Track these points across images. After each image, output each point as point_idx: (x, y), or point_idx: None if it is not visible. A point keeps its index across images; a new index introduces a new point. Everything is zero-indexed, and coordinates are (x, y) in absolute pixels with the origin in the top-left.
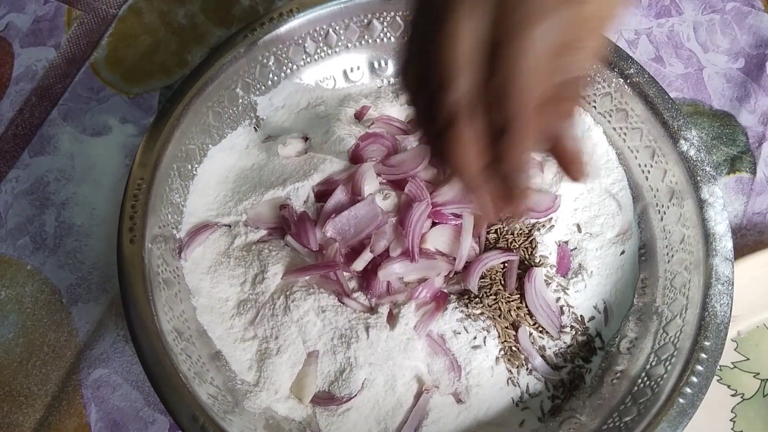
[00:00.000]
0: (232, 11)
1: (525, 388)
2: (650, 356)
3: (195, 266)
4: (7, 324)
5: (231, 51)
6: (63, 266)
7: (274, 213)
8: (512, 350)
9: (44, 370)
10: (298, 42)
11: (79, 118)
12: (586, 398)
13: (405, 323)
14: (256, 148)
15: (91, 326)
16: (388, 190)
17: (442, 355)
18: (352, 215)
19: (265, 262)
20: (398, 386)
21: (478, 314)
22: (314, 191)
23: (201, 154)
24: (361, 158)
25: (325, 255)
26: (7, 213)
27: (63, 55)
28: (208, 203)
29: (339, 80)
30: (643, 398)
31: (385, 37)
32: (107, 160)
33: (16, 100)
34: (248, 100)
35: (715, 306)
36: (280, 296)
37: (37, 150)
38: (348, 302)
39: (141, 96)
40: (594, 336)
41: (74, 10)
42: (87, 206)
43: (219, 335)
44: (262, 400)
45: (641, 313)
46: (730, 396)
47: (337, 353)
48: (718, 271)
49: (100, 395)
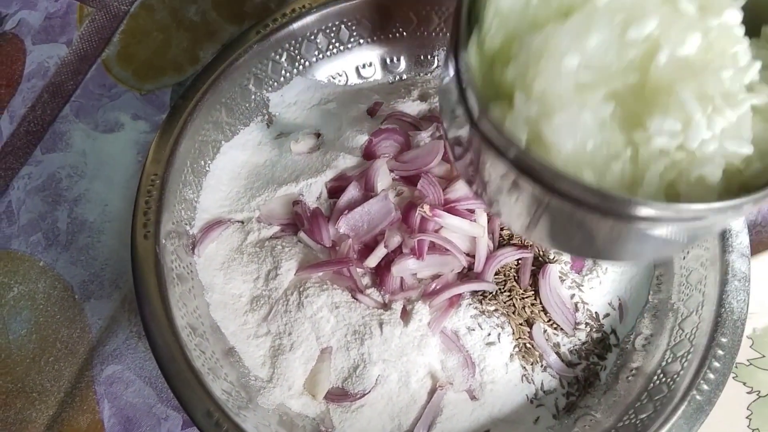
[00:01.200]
0: (244, 7)
1: (539, 385)
2: (666, 353)
3: (208, 262)
4: (20, 320)
5: (243, 47)
6: (75, 262)
7: (287, 209)
8: (527, 347)
9: (57, 366)
10: (311, 38)
11: (91, 115)
12: (601, 395)
13: (419, 319)
14: (268, 144)
15: (103, 322)
16: (401, 186)
17: (456, 351)
18: (365, 211)
19: (278, 258)
20: (412, 383)
21: (493, 311)
22: (327, 187)
23: (214, 150)
24: (374, 154)
25: (339, 251)
26: (19, 209)
27: (75, 52)
28: (221, 199)
29: (351, 76)
30: (659, 395)
31: (398, 32)
32: (119, 157)
33: (28, 97)
34: (260, 96)
35: (731, 302)
36: (294, 292)
37: (50, 146)
38: (361, 298)
39: (153, 93)
40: (609, 333)
41: (86, 7)
42: (99, 203)
43: (232, 331)
44: (275, 396)
45: (656, 309)
46: (746, 393)
47: (351, 349)
48: (735, 267)
49: (113, 391)
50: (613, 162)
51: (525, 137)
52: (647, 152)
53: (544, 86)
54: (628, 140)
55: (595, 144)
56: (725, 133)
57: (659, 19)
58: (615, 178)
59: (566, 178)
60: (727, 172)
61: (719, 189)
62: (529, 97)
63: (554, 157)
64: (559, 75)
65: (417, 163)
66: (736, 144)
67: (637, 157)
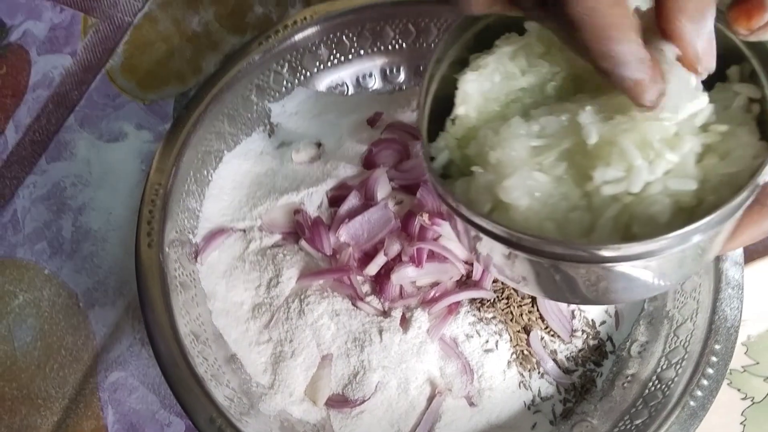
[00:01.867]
0: (246, 19)
1: (537, 391)
2: (661, 360)
3: (211, 270)
4: (25, 328)
5: (245, 58)
6: (80, 270)
7: (288, 218)
8: (524, 354)
9: (62, 373)
10: (312, 49)
11: (95, 125)
12: (598, 402)
13: (418, 327)
14: (270, 154)
15: (108, 330)
16: (401, 195)
17: (455, 358)
18: (365, 220)
19: (279, 266)
20: (411, 389)
21: (491, 318)
22: (328, 196)
23: (216, 159)
24: (374, 164)
25: (339, 259)
26: (24, 218)
27: (79, 63)
28: (224, 208)
29: (352, 87)
30: (654, 401)
31: (398, 44)
32: (123, 166)
33: (33, 107)
34: (262, 106)
35: (725, 310)
36: (295, 300)
37: (54, 156)
38: (361, 306)
39: (156, 103)
40: (605, 340)
41: (90, 18)
42: (104, 211)
43: (234, 338)
44: (277, 403)
45: (652, 317)
46: (741, 399)
47: (351, 356)
48: (728, 275)
49: (117, 398)
50: (571, 213)
51: (489, 204)
52: (599, 200)
53: (499, 155)
54: (582, 192)
55: (554, 199)
56: (670, 174)
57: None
58: (575, 227)
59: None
60: (682, 210)
61: (674, 226)
62: (486, 168)
63: (515, 215)
64: (512, 144)
65: (416, 173)
66: (681, 183)
67: (592, 206)
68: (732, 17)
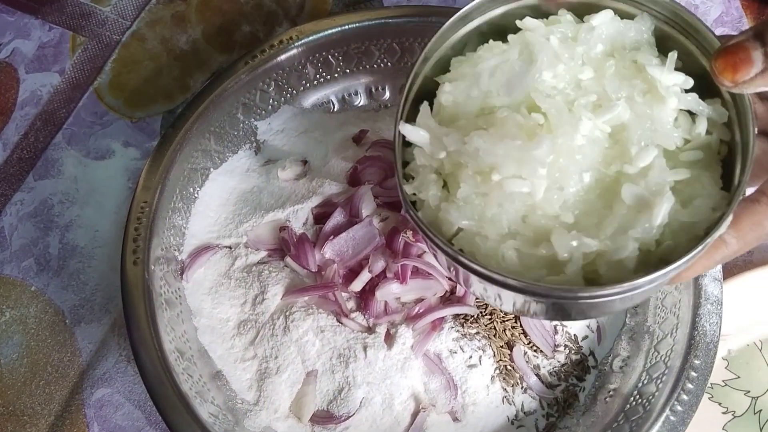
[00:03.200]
0: (234, 37)
1: (520, 406)
2: (642, 374)
3: (196, 287)
4: (11, 344)
5: (232, 77)
6: (66, 287)
7: (274, 235)
8: (507, 369)
9: (48, 389)
10: (298, 68)
11: (83, 142)
12: (580, 416)
13: (402, 343)
14: (256, 171)
15: (94, 346)
16: (385, 212)
17: (439, 374)
18: (350, 237)
19: (265, 283)
20: (395, 405)
21: (474, 333)
22: (313, 213)
23: (203, 177)
24: (359, 181)
25: (324, 276)
26: (12, 235)
27: (67, 81)
28: (210, 225)
29: (337, 104)
30: (635, 416)
31: (382, 62)
32: (110, 183)
33: (21, 125)
34: (249, 124)
35: (704, 325)
36: (280, 316)
37: (42, 173)
38: (346, 322)
39: (144, 120)
40: (587, 355)
41: (78, 37)
42: (90, 228)
43: (220, 355)
44: (262, 419)
45: (633, 332)
46: (722, 414)
47: (336, 372)
48: (708, 291)
49: (103, 414)
50: (535, 248)
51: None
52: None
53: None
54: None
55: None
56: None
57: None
58: (541, 255)
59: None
60: (645, 251)
61: (636, 267)
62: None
63: (480, 245)
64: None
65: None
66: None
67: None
68: (718, 68)
